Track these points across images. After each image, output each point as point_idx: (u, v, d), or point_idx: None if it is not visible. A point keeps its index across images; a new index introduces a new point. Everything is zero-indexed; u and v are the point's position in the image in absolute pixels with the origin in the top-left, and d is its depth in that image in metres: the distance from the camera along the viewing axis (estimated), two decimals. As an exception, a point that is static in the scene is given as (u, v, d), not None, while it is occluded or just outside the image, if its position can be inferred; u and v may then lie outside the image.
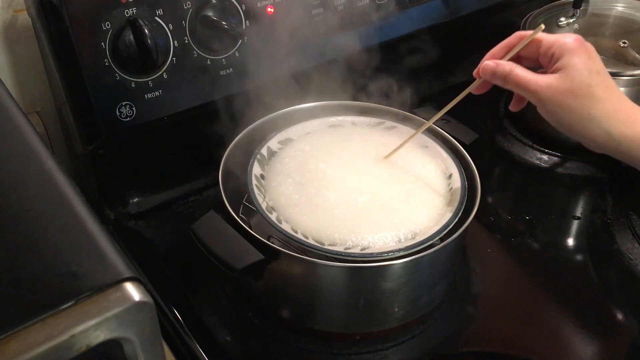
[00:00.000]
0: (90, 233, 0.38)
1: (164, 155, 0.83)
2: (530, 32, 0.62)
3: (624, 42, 0.93)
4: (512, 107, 0.69)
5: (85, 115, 0.73)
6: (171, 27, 0.73)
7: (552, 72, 0.60)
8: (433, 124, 0.78)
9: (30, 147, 0.43)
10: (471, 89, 0.67)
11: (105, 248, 0.37)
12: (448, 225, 0.65)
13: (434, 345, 0.71)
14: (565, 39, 0.59)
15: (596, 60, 0.59)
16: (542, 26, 0.60)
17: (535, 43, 0.61)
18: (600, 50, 0.93)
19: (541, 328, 0.72)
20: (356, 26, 0.87)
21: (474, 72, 0.66)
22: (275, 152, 0.75)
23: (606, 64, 0.91)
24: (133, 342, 0.36)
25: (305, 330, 0.70)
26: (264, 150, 0.74)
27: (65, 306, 0.33)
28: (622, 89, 0.88)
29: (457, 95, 0.67)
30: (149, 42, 0.69)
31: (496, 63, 0.63)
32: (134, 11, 0.70)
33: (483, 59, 0.65)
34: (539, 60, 0.62)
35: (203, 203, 0.86)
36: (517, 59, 0.63)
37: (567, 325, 0.72)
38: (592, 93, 0.57)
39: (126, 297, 0.34)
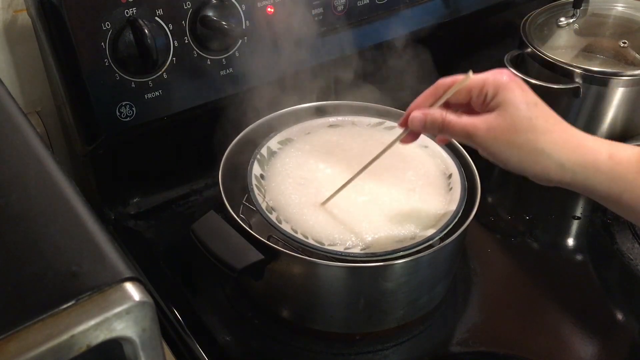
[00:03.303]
0: (90, 233, 0.38)
1: (164, 155, 0.84)
2: (456, 77, 0.58)
3: (624, 42, 0.93)
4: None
5: (85, 115, 0.73)
6: (171, 27, 0.73)
7: (487, 112, 0.56)
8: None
9: (30, 147, 0.43)
10: (397, 140, 0.63)
11: (105, 248, 0.37)
12: (448, 225, 0.65)
13: (434, 345, 0.71)
14: (494, 76, 0.56)
15: (530, 92, 0.55)
16: (471, 74, 0.57)
17: (463, 89, 0.57)
18: (600, 50, 0.94)
19: (541, 328, 0.72)
20: (356, 26, 0.87)
21: (400, 123, 0.62)
22: (275, 152, 0.75)
23: (606, 64, 0.93)
24: (133, 342, 0.36)
25: (305, 330, 0.70)
26: (264, 150, 0.74)
27: (65, 306, 0.33)
28: (622, 89, 0.88)
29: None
30: (149, 42, 0.69)
31: (424, 113, 0.58)
32: (134, 11, 0.70)
33: (408, 110, 0.61)
34: (469, 105, 0.58)
35: (203, 203, 0.86)
36: (444, 107, 0.59)
37: (567, 325, 0.72)
38: (535, 126, 0.54)
39: (126, 297, 0.34)
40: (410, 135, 0.62)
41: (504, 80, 0.55)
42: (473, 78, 0.57)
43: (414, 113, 0.59)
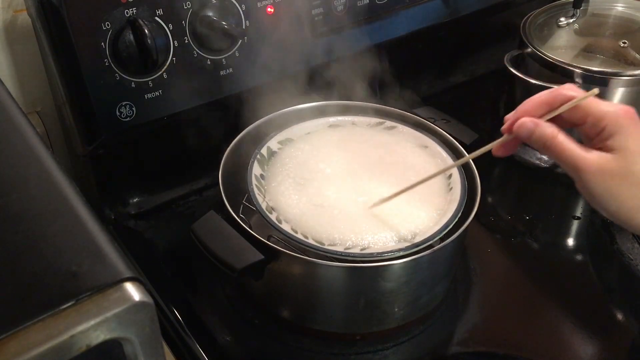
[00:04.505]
0: (90, 233, 0.38)
1: (164, 155, 0.84)
2: (578, 92, 0.53)
3: (624, 42, 0.93)
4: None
5: (85, 115, 0.73)
6: (171, 27, 0.73)
7: (601, 149, 0.52)
8: (434, 124, 0.78)
9: (30, 147, 0.43)
10: (494, 145, 0.58)
11: (105, 248, 0.37)
12: (448, 225, 0.65)
13: (434, 345, 0.71)
14: (616, 113, 0.52)
15: None
16: (596, 91, 0.53)
17: (580, 109, 0.53)
18: (600, 50, 0.94)
19: (541, 328, 0.72)
20: (356, 26, 0.87)
21: (503, 128, 0.57)
22: (275, 152, 0.75)
23: (606, 64, 0.92)
24: (133, 342, 0.36)
25: (305, 330, 0.70)
26: (264, 150, 0.74)
27: (65, 306, 0.33)
28: (622, 89, 0.88)
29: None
30: (149, 42, 0.69)
31: (535, 123, 0.54)
32: (134, 11, 0.70)
33: (514, 114, 0.56)
34: (580, 127, 0.54)
35: (203, 203, 0.86)
36: (552, 120, 0.55)
37: (567, 325, 0.72)
38: None
39: (126, 297, 0.34)
40: (509, 144, 0.57)
41: (627, 121, 0.52)
42: (593, 105, 0.53)
43: (524, 119, 0.55)
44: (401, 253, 0.62)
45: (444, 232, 0.65)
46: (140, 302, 0.35)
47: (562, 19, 0.98)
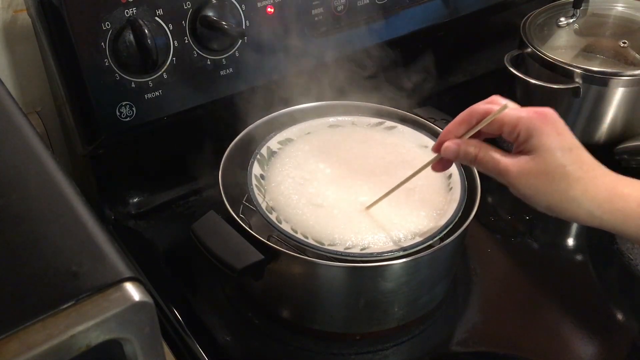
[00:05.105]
0: (90, 233, 0.38)
1: (164, 155, 0.84)
2: (491, 107, 0.57)
3: (624, 42, 0.93)
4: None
5: (85, 115, 0.73)
6: (171, 27, 0.73)
7: (522, 152, 0.55)
8: (434, 124, 0.78)
9: (30, 147, 0.43)
10: (429, 164, 0.63)
11: (105, 248, 0.37)
12: (448, 225, 0.65)
13: (434, 345, 0.71)
14: (529, 117, 0.55)
15: (566, 135, 0.55)
16: (509, 104, 0.56)
17: (496, 121, 0.56)
18: (600, 50, 0.94)
19: (541, 328, 0.72)
20: (356, 26, 0.87)
21: (433, 148, 0.61)
22: (275, 152, 0.75)
23: (606, 64, 0.92)
24: (133, 342, 0.36)
25: (305, 330, 0.70)
26: (264, 150, 0.74)
27: (65, 306, 0.33)
28: (622, 89, 0.88)
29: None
30: (149, 42, 0.69)
31: (457, 144, 0.58)
32: (134, 11, 0.70)
33: (440, 137, 0.60)
34: (500, 136, 0.58)
35: (203, 203, 0.86)
36: (476, 134, 0.59)
37: (567, 325, 0.72)
38: (568, 173, 0.54)
39: (126, 297, 0.34)
40: (442, 162, 0.62)
41: (538, 122, 0.54)
42: (507, 114, 0.56)
43: (447, 143, 0.59)
44: (401, 253, 0.62)
45: (444, 232, 0.65)
46: (140, 302, 0.35)
47: (562, 19, 0.98)
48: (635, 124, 0.93)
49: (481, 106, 0.58)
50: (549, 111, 0.55)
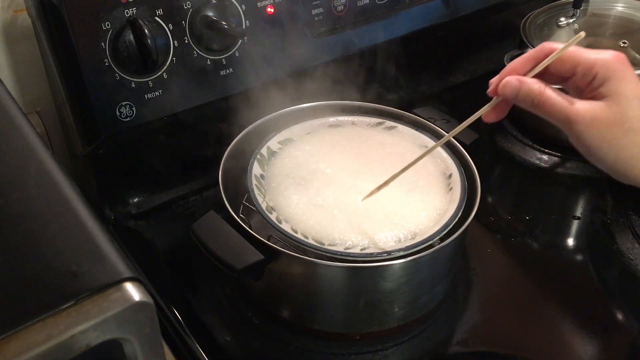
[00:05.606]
0: (90, 233, 0.38)
1: (164, 155, 0.83)
2: (561, 44, 0.50)
3: (624, 42, 0.93)
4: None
5: (85, 115, 0.73)
6: (171, 27, 0.73)
7: (593, 98, 0.49)
8: (434, 124, 0.78)
9: (30, 147, 0.43)
10: (484, 111, 0.55)
11: (105, 248, 0.37)
12: (448, 225, 0.65)
13: (434, 345, 0.71)
14: (608, 60, 0.49)
15: None
16: (582, 34, 0.49)
17: (569, 60, 0.50)
18: (600, 50, 0.94)
19: (541, 328, 0.72)
20: (356, 26, 0.87)
21: (489, 90, 0.54)
22: (275, 152, 0.75)
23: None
24: (133, 342, 0.36)
25: (305, 330, 0.70)
26: (264, 150, 0.74)
27: (65, 306, 0.33)
28: (622, 89, 0.88)
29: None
30: (149, 42, 0.69)
31: (520, 80, 0.51)
32: (134, 11, 0.70)
33: (500, 74, 0.53)
34: (569, 80, 0.51)
35: (203, 203, 0.86)
36: (540, 77, 0.52)
37: (567, 325, 0.72)
38: None
39: (126, 297, 0.34)
40: (498, 108, 0.54)
41: (619, 67, 0.49)
42: (583, 53, 0.50)
43: (508, 77, 0.52)
44: (401, 253, 0.62)
45: (444, 232, 0.65)
46: (140, 302, 0.35)
47: (562, 19, 0.98)
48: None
49: (551, 44, 0.52)
50: (625, 56, 0.50)
